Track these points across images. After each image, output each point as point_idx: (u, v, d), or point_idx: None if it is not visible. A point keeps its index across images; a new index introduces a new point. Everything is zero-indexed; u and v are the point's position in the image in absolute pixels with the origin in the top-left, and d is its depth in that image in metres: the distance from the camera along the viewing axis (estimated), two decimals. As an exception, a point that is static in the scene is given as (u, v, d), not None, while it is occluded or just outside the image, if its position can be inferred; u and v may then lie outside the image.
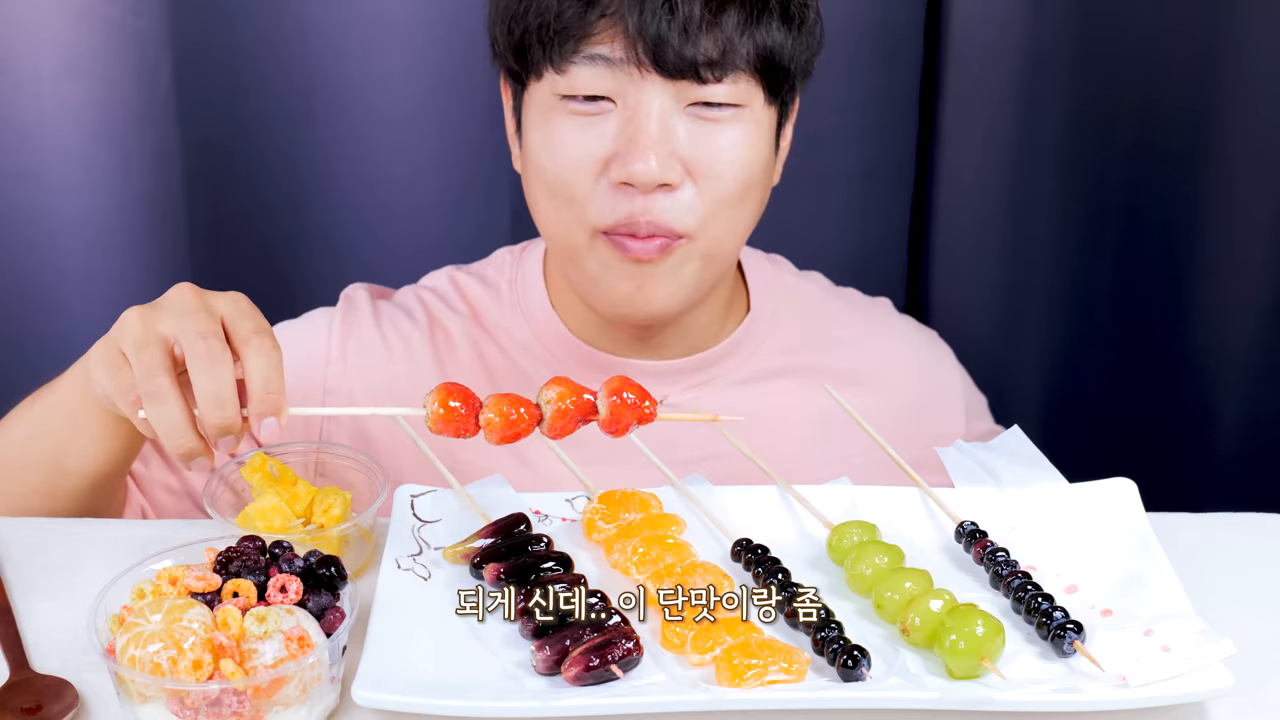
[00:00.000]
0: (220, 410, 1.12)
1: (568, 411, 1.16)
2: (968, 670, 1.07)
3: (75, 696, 1.08)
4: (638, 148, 1.34)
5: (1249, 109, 1.93)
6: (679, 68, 1.33)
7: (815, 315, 1.60)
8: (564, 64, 1.35)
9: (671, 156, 1.35)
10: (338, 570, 1.10)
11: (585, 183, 1.37)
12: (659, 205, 1.36)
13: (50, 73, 1.85)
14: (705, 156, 1.36)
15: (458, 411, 1.15)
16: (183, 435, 1.14)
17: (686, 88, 1.35)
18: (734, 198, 1.39)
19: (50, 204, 1.90)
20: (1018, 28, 1.93)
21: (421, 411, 1.16)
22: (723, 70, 1.34)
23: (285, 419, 1.14)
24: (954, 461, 1.30)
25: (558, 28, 1.35)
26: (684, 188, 1.36)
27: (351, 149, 1.97)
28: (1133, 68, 1.95)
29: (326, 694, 1.06)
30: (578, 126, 1.37)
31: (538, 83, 1.39)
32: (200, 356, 1.13)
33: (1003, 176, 2.01)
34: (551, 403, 1.16)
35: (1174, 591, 1.14)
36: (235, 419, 1.13)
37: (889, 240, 2.08)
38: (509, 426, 1.15)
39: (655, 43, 1.32)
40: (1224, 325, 2.04)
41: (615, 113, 1.36)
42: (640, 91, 1.35)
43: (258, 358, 1.14)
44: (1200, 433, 2.10)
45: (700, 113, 1.36)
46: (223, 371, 1.13)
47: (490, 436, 1.16)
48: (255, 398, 1.13)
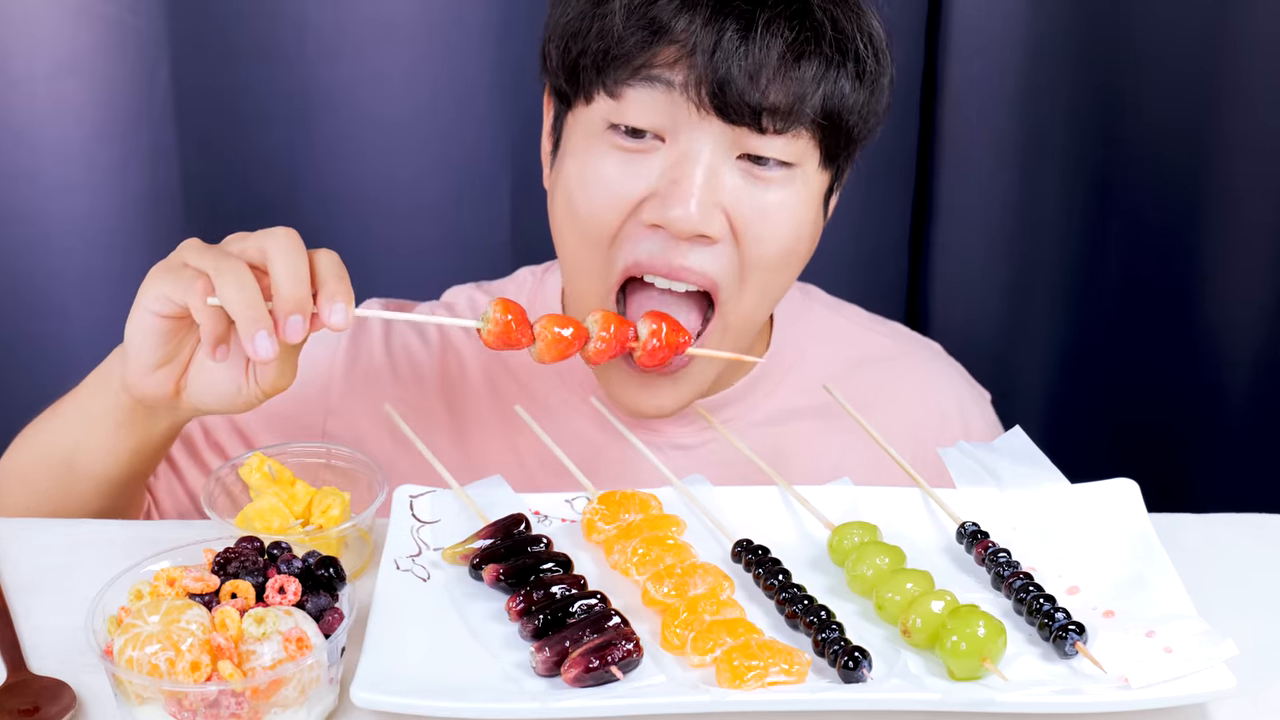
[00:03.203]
0: (298, 286, 1.16)
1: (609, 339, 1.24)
2: (969, 671, 1.07)
3: (73, 698, 1.08)
4: (680, 191, 1.28)
5: (1251, 104, 1.93)
6: (741, 112, 1.26)
7: (848, 353, 1.55)
8: (619, 88, 1.29)
9: (715, 206, 1.29)
10: (336, 571, 1.10)
11: (614, 222, 1.32)
12: (696, 257, 1.30)
13: (47, 72, 1.84)
14: (749, 215, 1.30)
15: (511, 324, 1.21)
16: (257, 304, 1.15)
17: (743, 135, 1.28)
18: (775, 263, 1.33)
19: (47, 205, 1.90)
20: (1018, 25, 1.93)
21: (481, 323, 1.22)
22: (786, 123, 1.28)
23: (353, 311, 1.18)
24: (955, 462, 1.30)
25: (619, 52, 1.28)
26: (723, 242, 1.31)
27: (350, 150, 1.97)
28: (1135, 64, 1.95)
29: (325, 695, 1.05)
30: (619, 162, 1.31)
31: (585, 106, 1.33)
32: (283, 243, 1.18)
33: (1004, 175, 2.01)
34: (597, 323, 1.23)
35: (1176, 592, 1.13)
36: (309, 296, 1.17)
37: (890, 240, 2.07)
38: (559, 342, 1.23)
39: (721, 84, 1.25)
40: (1228, 324, 2.04)
41: (662, 151, 1.30)
42: (693, 130, 1.28)
43: (328, 255, 1.20)
44: (1203, 433, 2.10)
45: (750, 168, 1.30)
46: (302, 256, 1.18)
47: (543, 354, 1.23)
48: (329, 283, 1.17)
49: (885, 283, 2.09)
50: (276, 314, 1.16)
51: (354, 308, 1.18)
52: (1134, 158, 2.00)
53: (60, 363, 1.90)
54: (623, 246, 1.33)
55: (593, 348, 1.25)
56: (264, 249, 1.17)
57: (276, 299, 1.16)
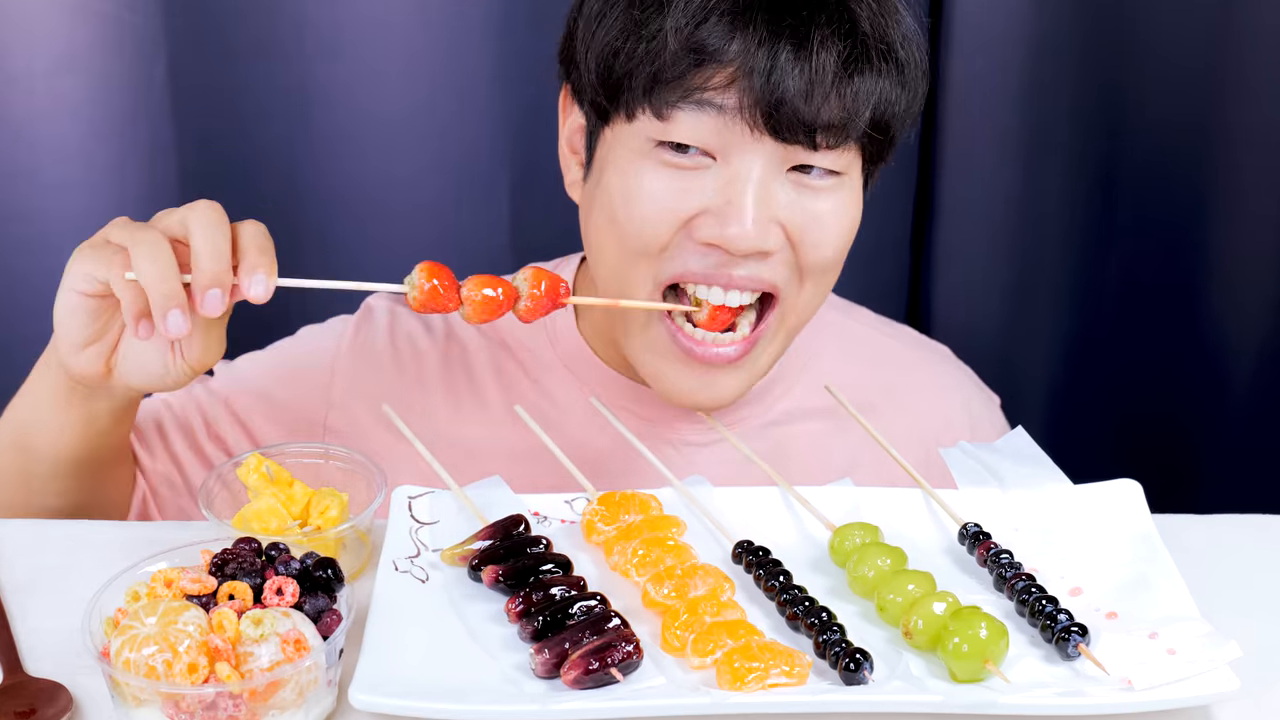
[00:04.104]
0: (216, 260, 1.16)
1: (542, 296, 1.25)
2: (971, 673, 1.07)
3: (69, 700, 1.07)
4: (735, 210, 1.26)
5: (1256, 98, 1.93)
6: (795, 131, 1.25)
7: (857, 355, 1.54)
8: (668, 110, 1.26)
9: (771, 222, 1.27)
10: (335, 572, 1.09)
11: (664, 236, 1.30)
12: (750, 264, 1.29)
13: (44, 69, 1.84)
14: (804, 224, 1.29)
15: (438, 288, 1.22)
16: (170, 278, 1.16)
17: (794, 151, 1.27)
18: (830, 266, 1.33)
19: (44, 203, 1.89)
20: (1021, 22, 1.93)
21: (405, 288, 1.23)
22: (839, 139, 1.27)
23: (274, 280, 1.18)
24: (957, 462, 1.29)
25: (669, 76, 1.25)
26: (781, 252, 1.30)
27: (349, 147, 1.96)
28: (1138, 59, 1.95)
29: (323, 697, 1.05)
30: (669, 179, 1.28)
31: (628, 124, 1.30)
32: (204, 215, 1.18)
33: (1007, 172, 2.00)
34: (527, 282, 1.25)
35: (1179, 594, 1.13)
36: (228, 270, 1.17)
37: (892, 237, 2.07)
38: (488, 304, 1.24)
39: (776, 104, 1.23)
40: (1233, 322, 2.03)
41: (713, 170, 1.28)
42: (745, 151, 1.26)
43: (253, 226, 1.20)
44: (1207, 433, 2.09)
45: (799, 178, 1.29)
46: (223, 229, 1.18)
47: (470, 314, 1.23)
48: (250, 254, 1.18)
49: (887, 280, 2.08)
50: (194, 287, 1.16)
51: (275, 278, 1.18)
52: (1138, 153, 2.00)
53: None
54: (673, 258, 1.31)
55: (523, 305, 1.26)
56: (185, 221, 1.18)
57: (194, 272, 1.16)
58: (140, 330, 1.18)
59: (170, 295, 1.16)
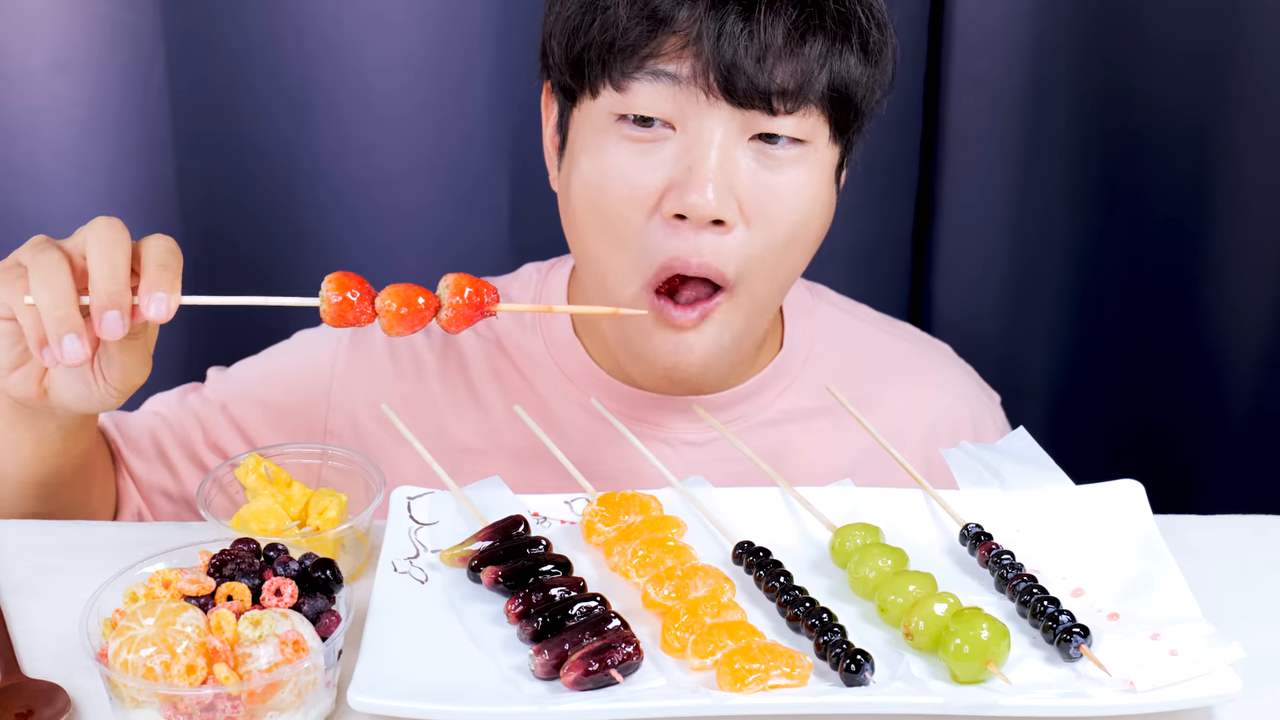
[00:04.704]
0: (113, 280, 1.12)
1: (466, 303, 1.18)
2: (972, 675, 1.06)
3: (67, 701, 1.07)
4: (696, 178, 1.28)
5: (1258, 101, 1.92)
6: (751, 96, 1.27)
7: (857, 353, 1.54)
8: (625, 81, 1.29)
9: (729, 192, 1.29)
10: (333, 573, 1.09)
11: (638, 219, 1.31)
12: (709, 245, 1.30)
13: (42, 68, 1.83)
14: (761, 197, 1.30)
15: (352, 296, 1.17)
16: (64, 303, 1.12)
17: (754, 118, 1.28)
18: (782, 244, 1.33)
19: (40, 203, 1.89)
20: (1021, 21, 1.92)
21: (316, 301, 1.17)
22: (796, 103, 1.28)
23: (176, 300, 1.14)
24: (958, 463, 1.29)
25: (623, 44, 1.28)
26: (735, 229, 1.30)
27: (347, 147, 1.96)
28: (1140, 60, 1.95)
29: (322, 699, 1.05)
30: (633, 153, 1.30)
31: (592, 101, 1.32)
32: (102, 233, 1.14)
33: (1008, 172, 2.00)
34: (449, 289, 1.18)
35: (1182, 595, 1.13)
36: (125, 290, 1.12)
37: (893, 236, 2.07)
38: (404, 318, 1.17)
39: (729, 69, 1.25)
40: (1235, 322, 2.03)
41: (674, 139, 1.30)
42: (704, 118, 1.28)
43: (157, 242, 1.16)
44: (1209, 434, 2.09)
45: (762, 148, 1.30)
46: (121, 248, 1.14)
47: (386, 325, 1.17)
48: (150, 271, 1.13)
49: (889, 279, 2.08)
50: (91, 309, 1.13)
51: (178, 296, 1.14)
52: (1140, 153, 1.99)
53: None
54: (654, 243, 1.31)
55: (445, 315, 1.19)
56: (85, 246, 1.14)
57: (91, 294, 1.13)
58: (44, 356, 1.14)
59: (63, 320, 1.12)
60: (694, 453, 1.47)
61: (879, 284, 2.05)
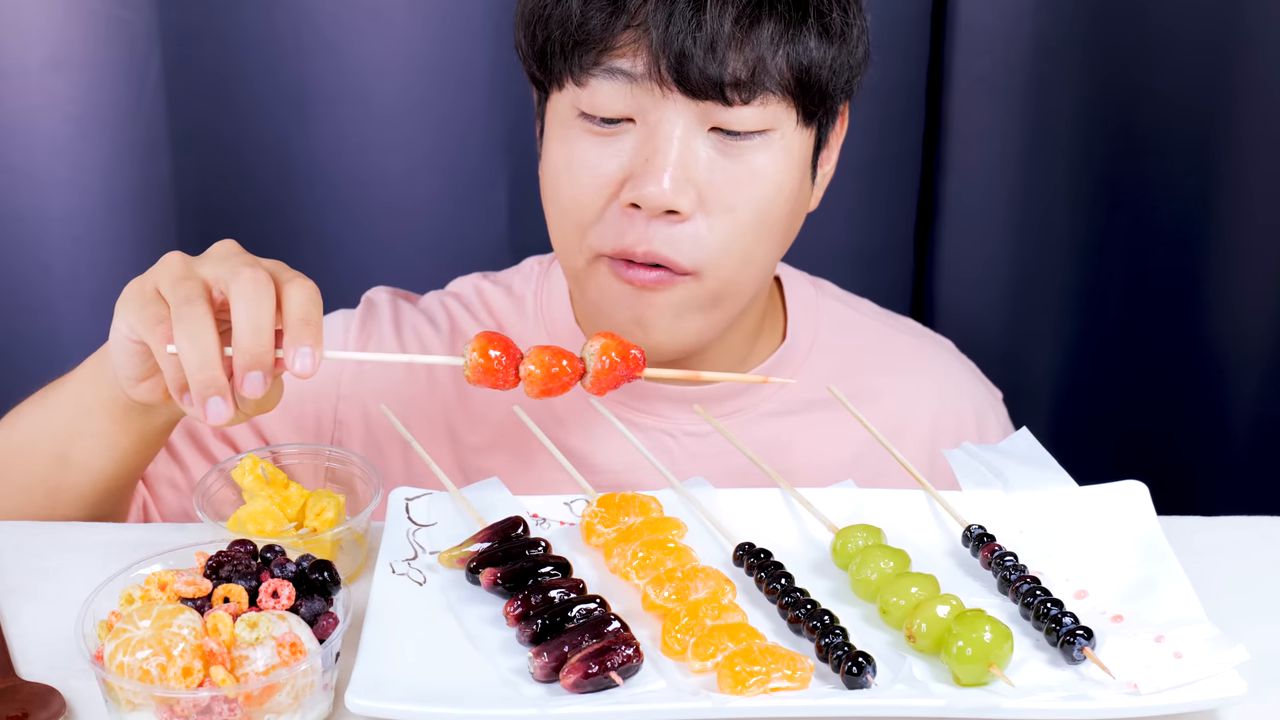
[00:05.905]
0: (257, 337, 1.11)
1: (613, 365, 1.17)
2: (975, 677, 1.06)
3: (63, 704, 1.07)
4: (653, 168, 1.28)
5: (1262, 100, 1.92)
6: (703, 87, 1.27)
7: (859, 346, 1.54)
8: (584, 76, 1.30)
9: (687, 183, 1.29)
10: (331, 575, 1.09)
11: (595, 205, 1.33)
12: (661, 235, 1.30)
13: (37, 65, 1.83)
14: (722, 185, 1.30)
15: (497, 361, 1.15)
16: (211, 365, 1.11)
17: (711, 109, 1.28)
18: (750, 232, 1.32)
19: (36, 201, 1.88)
20: (1025, 18, 1.92)
21: (461, 360, 1.16)
22: (750, 93, 1.28)
23: (321, 354, 1.13)
24: (961, 464, 1.28)
25: (580, 37, 1.29)
26: (694, 219, 1.31)
27: (345, 144, 1.96)
28: (1143, 58, 1.94)
29: (319, 701, 1.04)
30: (595, 145, 1.32)
31: (559, 93, 1.35)
32: (246, 287, 1.12)
33: (1011, 170, 2.00)
34: (595, 356, 1.17)
35: (1186, 596, 1.12)
36: (269, 349, 1.12)
37: (895, 235, 2.07)
38: (550, 380, 1.16)
39: (679, 59, 1.26)
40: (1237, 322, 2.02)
41: (634, 131, 1.31)
42: (661, 110, 1.29)
43: (299, 293, 1.14)
44: (1213, 434, 2.09)
45: (723, 140, 1.30)
46: (265, 303, 1.12)
47: (530, 389, 1.16)
48: (293, 327, 1.12)
49: (891, 278, 2.08)
50: (235, 367, 1.12)
51: (321, 351, 1.13)
52: (1143, 153, 1.99)
53: (50, 360, 1.88)
54: (610, 228, 1.33)
55: (589, 381, 1.18)
56: (227, 287, 1.13)
57: (235, 352, 1.12)
58: (183, 403, 1.15)
59: (208, 384, 1.12)
60: (698, 444, 1.47)
61: (881, 283, 2.05)
